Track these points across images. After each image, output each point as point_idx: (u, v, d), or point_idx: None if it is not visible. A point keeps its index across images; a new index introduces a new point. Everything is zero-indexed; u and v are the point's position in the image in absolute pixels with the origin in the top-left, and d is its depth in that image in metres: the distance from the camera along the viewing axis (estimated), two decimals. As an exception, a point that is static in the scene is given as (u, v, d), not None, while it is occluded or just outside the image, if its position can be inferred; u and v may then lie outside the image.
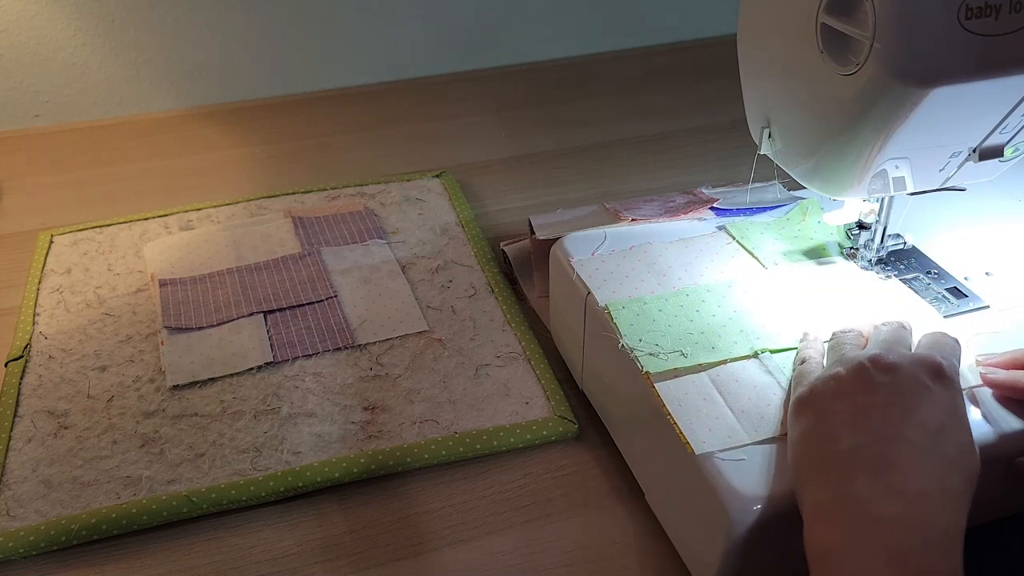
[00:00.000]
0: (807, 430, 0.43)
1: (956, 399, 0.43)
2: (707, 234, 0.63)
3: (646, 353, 0.52)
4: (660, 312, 0.55)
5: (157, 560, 0.54)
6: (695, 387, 0.50)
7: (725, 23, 1.23)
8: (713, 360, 0.51)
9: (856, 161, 0.49)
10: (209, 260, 0.77)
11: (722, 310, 0.55)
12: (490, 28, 1.15)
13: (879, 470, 0.39)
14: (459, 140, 1.00)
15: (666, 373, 0.51)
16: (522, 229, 0.78)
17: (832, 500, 0.39)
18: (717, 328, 0.53)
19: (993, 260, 0.59)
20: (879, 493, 0.38)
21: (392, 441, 0.60)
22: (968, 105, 0.45)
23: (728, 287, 0.57)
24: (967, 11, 0.40)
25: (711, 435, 0.47)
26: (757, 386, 0.49)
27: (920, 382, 0.42)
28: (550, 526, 0.56)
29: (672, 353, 0.52)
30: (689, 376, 0.50)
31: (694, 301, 0.55)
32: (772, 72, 0.53)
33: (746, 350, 0.52)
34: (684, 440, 0.47)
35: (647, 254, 0.60)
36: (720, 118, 1.02)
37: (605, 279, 0.58)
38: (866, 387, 0.42)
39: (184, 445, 0.60)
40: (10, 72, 1.00)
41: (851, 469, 0.39)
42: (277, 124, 1.04)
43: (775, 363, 0.51)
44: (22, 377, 0.66)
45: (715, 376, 0.50)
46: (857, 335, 0.50)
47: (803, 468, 0.42)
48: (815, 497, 0.40)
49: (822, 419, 0.43)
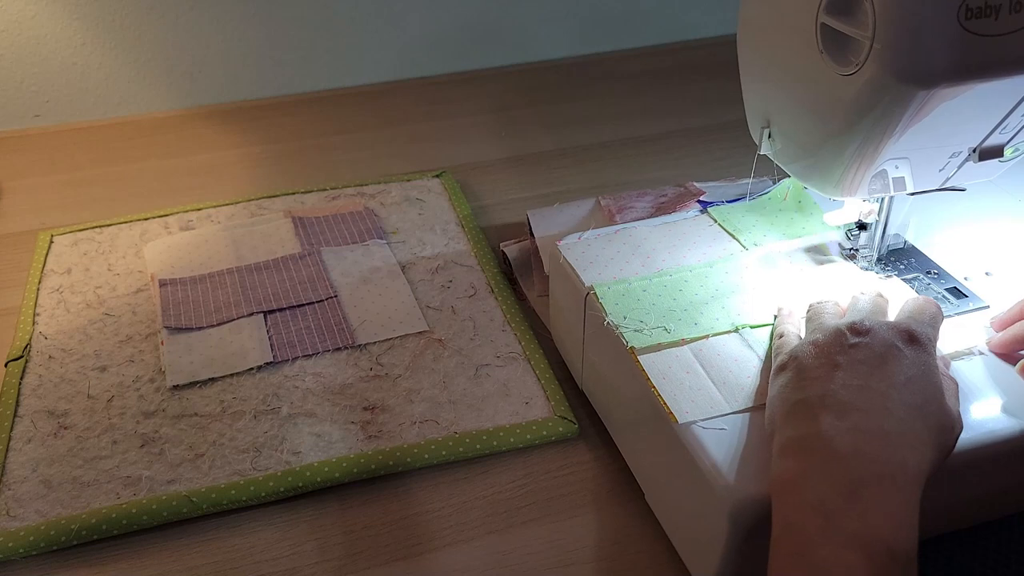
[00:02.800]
0: (783, 385, 0.45)
1: (928, 360, 0.44)
2: (690, 218, 0.65)
3: (631, 330, 0.53)
4: (644, 292, 0.56)
5: (157, 560, 0.54)
6: (678, 361, 0.52)
7: (725, 23, 1.23)
8: (695, 335, 0.53)
9: (856, 161, 0.49)
10: (209, 260, 0.77)
11: (704, 289, 0.57)
12: (490, 28, 1.15)
13: (843, 412, 0.41)
14: (459, 140, 1.00)
15: (650, 348, 0.52)
16: (522, 229, 0.78)
17: (797, 438, 0.41)
18: (699, 305, 0.55)
19: (993, 260, 0.59)
20: (841, 431, 0.40)
21: (392, 441, 0.60)
22: (968, 105, 0.45)
23: (710, 267, 0.59)
24: (967, 11, 0.40)
25: (693, 406, 0.48)
26: (738, 359, 0.51)
27: (892, 344, 0.44)
28: (550, 526, 0.56)
29: (656, 329, 0.53)
30: (672, 350, 0.52)
31: (677, 281, 0.57)
32: (772, 72, 0.53)
33: (727, 325, 0.54)
34: (668, 410, 0.48)
35: (631, 237, 0.62)
36: (720, 118, 1.02)
37: (591, 261, 0.60)
38: (841, 348, 0.44)
39: (184, 445, 0.60)
40: (10, 72, 1.00)
41: (818, 411, 0.41)
42: (277, 124, 1.04)
43: (755, 337, 0.53)
44: (22, 377, 0.66)
45: (697, 350, 0.52)
46: (835, 305, 0.51)
47: (776, 416, 0.44)
48: (782, 437, 0.42)
49: (796, 375, 0.45)
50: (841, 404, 0.41)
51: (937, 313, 0.48)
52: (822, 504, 0.38)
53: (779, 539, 0.39)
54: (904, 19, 0.41)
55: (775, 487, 0.41)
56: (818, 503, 0.38)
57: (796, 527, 0.38)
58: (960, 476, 0.47)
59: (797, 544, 0.38)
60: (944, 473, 0.46)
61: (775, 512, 0.40)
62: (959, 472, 0.47)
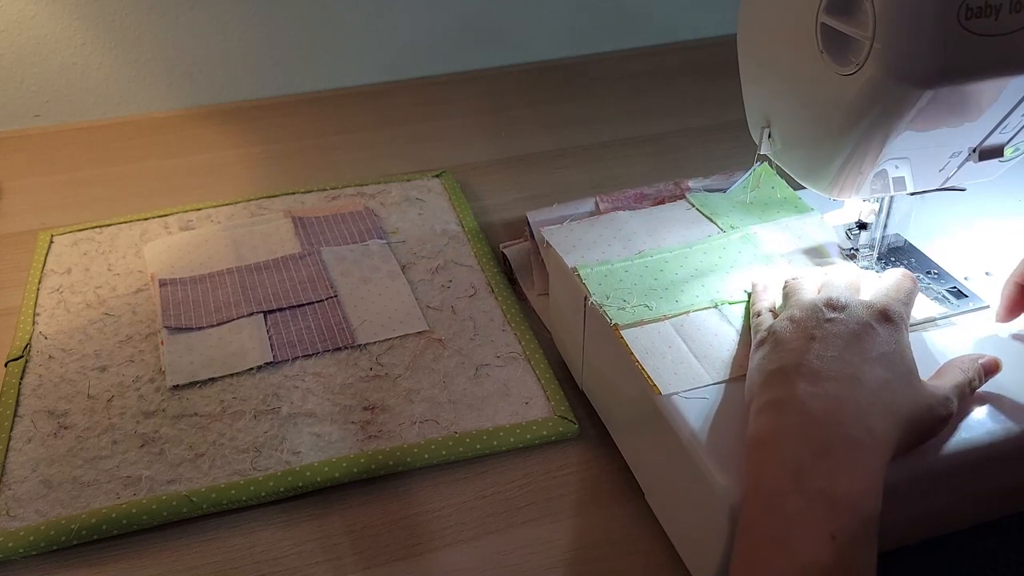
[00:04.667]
0: (762, 357, 0.47)
1: (900, 338, 0.46)
2: (668, 204, 0.67)
3: (614, 308, 0.56)
4: (626, 272, 0.59)
5: (157, 560, 0.54)
6: (660, 336, 0.53)
7: (725, 23, 1.23)
8: (676, 311, 0.55)
9: (856, 161, 0.49)
10: (209, 260, 0.77)
11: (684, 269, 0.59)
12: (490, 28, 1.15)
13: (816, 380, 0.43)
14: (459, 140, 1.00)
15: (632, 324, 0.54)
16: (522, 229, 0.78)
17: (773, 400, 0.44)
18: (680, 284, 0.57)
19: (993, 260, 0.59)
20: (814, 397, 0.42)
21: (392, 441, 0.60)
22: (968, 105, 0.45)
23: (689, 248, 0.61)
24: (967, 11, 0.40)
25: (676, 378, 0.50)
26: (718, 334, 0.53)
27: (866, 322, 0.46)
28: (550, 526, 0.56)
29: (638, 307, 0.56)
30: (654, 325, 0.54)
31: (657, 262, 0.60)
32: (772, 72, 0.53)
33: (706, 302, 0.56)
34: (651, 383, 0.50)
35: (613, 222, 0.64)
36: (720, 118, 1.02)
37: (574, 245, 0.62)
38: (817, 322, 0.46)
39: (184, 445, 0.60)
40: (10, 72, 1.00)
41: (793, 377, 0.44)
42: (277, 124, 1.04)
43: (733, 313, 0.55)
44: (22, 377, 0.66)
45: (678, 326, 0.54)
46: (811, 282, 0.53)
47: (754, 385, 0.46)
48: (759, 401, 0.45)
49: (774, 347, 0.47)
50: (814, 372, 0.43)
51: (913, 288, 0.50)
52: (793, 461, 0.40)
53: (750, 493, 0.41)
54: (904, 19, 0.41)
55: (750, 445, 0.43)
56: (789, 460, 0.40)
57: (767, 481, 0.41)
58: (960, 476, 0.48)
59: (767, 496, 0.40)
60: (944, 473, 0.47)
61: (748, 469, 0.43)
62: (959, 472, 0.47)
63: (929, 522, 0.51)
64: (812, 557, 0.37)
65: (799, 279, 0.53)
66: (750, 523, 0.41)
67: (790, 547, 0.38)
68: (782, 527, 0.38)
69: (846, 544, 0.37)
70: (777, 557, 0.38)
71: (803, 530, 0.38)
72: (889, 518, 0.41)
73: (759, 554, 0.39)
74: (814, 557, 0.37)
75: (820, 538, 0.37)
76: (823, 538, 0.37)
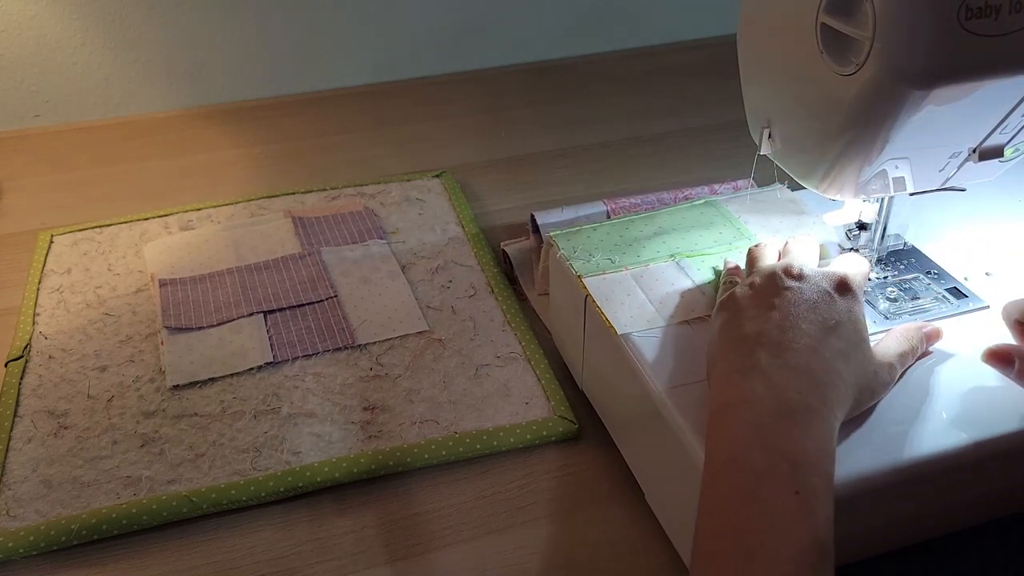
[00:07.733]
0: (723, 323, 0.49)
1: (855, 307, 0.48)
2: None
3: (580, 261, 0.60)
4: (594, 231, 0.63)
5: (157, 560, 0.54)
6: (620, 284, 0.58)
7: (725, 23, 1.23)
8: (636, 263, 0.59)
9: (856, 161, 0.49)
10: (209, 260, 0.77)
11: (648, 228, 0.63)
12: (490, 28, 1.15)
13: (776, 350, 0.45)
14: (459, 140, 1.00)
15: (595, 273, 0.59)
16: (522, 229, 0.78)
17: (738, 367, 0.46)
18: (643, 241, 0.62)
19: (993, 260, 0.59)
20: (775, 367, 0.44)
21: (392, 441, 0.60)
22: (968, 105, 0.45)
23: (654, 213, 0.65)
24: (967, 11, 0.40)
25: (632, 320, 0.55)
26: (674, 283, 0.58)
27: (823, 290, 0.48)
28: (550, 526, 0.56)
29: (602, 260, 0.60)
30: (615, 275, 0.59)
31: (624, 223, 0.64)
32: (772, 72, 0.53)
33: (665, 256, 0.60)
34: (608, 324, 0.54)
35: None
36: (720, 118, 1.02)
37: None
38: (775, 290, 0.48)
39: (184, 445, 0.60)
40: (10, 72, 1.00)
41: (754, 346, 0.46)
42: (277, 124, 1.04)
43: (689, 264, 0.59)
44: (22, 377, 0.66)
45: (638, 276, 0.59)
46: (772, 250, 0.55)
47: (715, 351, 0.48)
48: (724, 365, 0.47)
49: (734, 314, 0.49)
50: (774, 343, 0.45)
51: (865, 267, 0.53)
52: (757, 420, 0.43)
53: (714, 452, 0.43)
54: (904, 19, 0.41)
55: (715, 408, 0.45)
56: (754, 419, 0.43)
57: (732, 440, 0.43)
58: (959, 477, 0.48)
59: (731, 451, 0.42)
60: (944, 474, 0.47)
61: (712, 432, 0.44)
62: (958, 473, 0.47)
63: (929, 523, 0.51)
64: (779, 507, 0.39)
65: (761, 245, 0.56)
66: (716, 477, 0.42)
67: (760, 497, 0.40)
68: (751, 480, 0.40)
69: (809, 497, 0.40)
70: (746, 507, 0.40)
71: (770, 482, 0.40)
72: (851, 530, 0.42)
73: (729, 505, 0.40)
74: (782, 507, 0.39)
75: (786, 491, 0.40)
76: (789, 492, 0.40)
